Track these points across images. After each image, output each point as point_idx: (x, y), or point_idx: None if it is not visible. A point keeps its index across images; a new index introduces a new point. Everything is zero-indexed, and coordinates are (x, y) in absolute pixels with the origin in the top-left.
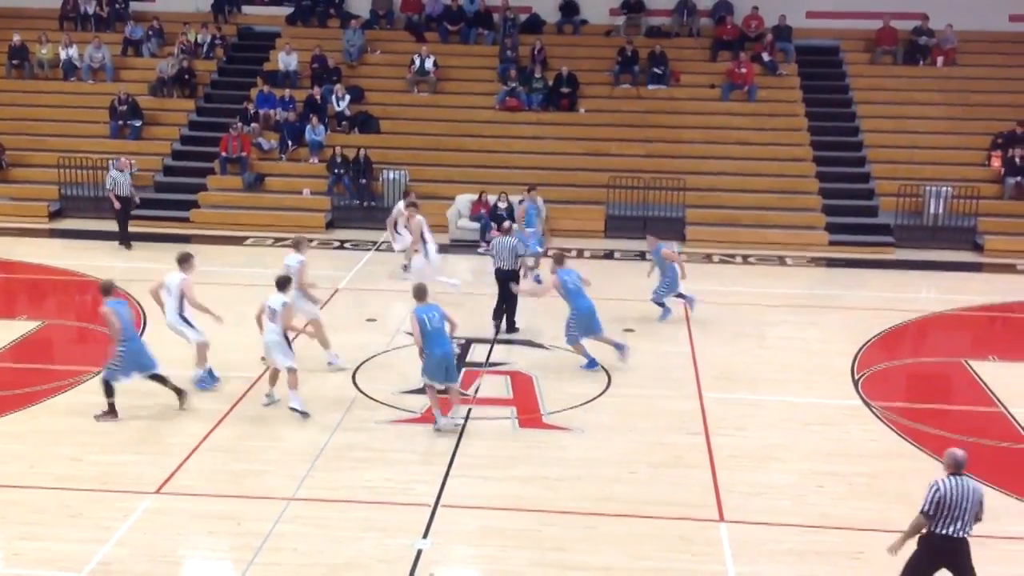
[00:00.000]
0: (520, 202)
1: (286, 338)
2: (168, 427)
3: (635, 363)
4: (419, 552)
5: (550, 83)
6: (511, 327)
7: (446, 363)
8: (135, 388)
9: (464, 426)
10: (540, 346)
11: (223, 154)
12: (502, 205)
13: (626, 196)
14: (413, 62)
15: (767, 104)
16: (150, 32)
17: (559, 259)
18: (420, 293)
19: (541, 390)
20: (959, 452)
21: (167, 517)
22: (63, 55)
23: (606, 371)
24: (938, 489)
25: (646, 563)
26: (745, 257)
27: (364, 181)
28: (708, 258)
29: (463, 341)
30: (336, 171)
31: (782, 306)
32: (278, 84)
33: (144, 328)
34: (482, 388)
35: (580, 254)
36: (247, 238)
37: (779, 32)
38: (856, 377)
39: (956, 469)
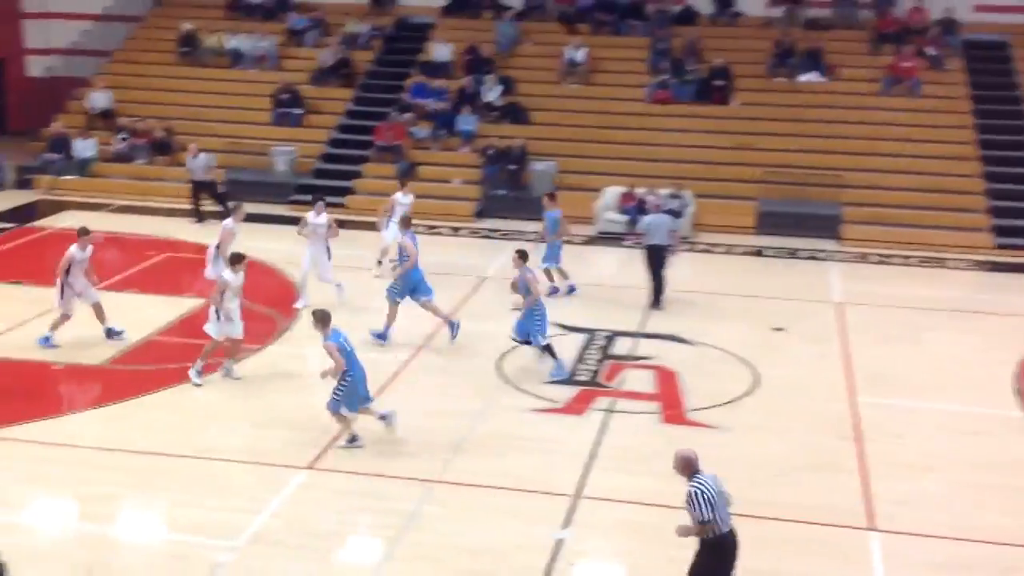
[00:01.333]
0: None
1: (218, 311)
2: (319, 404)
3: (783, 361)
4: (558, 542)
5: (703, 75)
6: (657, 302)
7: (365, 383)
8: (281, 367)
9: (607, 419)
10: (685, 341)
11: (378, 142)
12: (650, 199)
13: (779, 192)
14: (564, 53)
15: (930, 100)
16: (312, 23)
17: (406, 222)
18: (325, 319)
19: (685, 386)
20: (687, 452)
21: (318, 492)
22: (229, 44)
23: (753, 369)
24: (701, 492)
25: (791, 568)
26: (905, 257)
27: (516, 168)
28: (864, 257)
29: (609, 334)
30: (489, 161)
31: (941, 310)
32: (432, 74)
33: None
34: (626, 381)
35: (729, 250)
36: None
37: (945, 26)
38: (1018, 387)
39: (695, 468)
